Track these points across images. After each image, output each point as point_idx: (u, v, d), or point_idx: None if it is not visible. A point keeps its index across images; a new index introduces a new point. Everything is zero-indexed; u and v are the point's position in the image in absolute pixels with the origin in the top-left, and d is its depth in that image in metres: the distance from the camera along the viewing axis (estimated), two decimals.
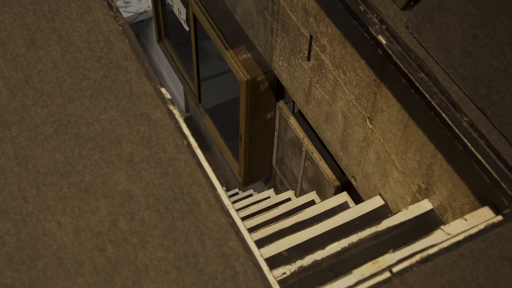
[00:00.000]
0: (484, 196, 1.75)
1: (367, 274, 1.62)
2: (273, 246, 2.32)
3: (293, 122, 3.40)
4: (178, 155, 1.55)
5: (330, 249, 1.98)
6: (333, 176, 3.17)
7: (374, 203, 2.45)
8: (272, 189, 4.39)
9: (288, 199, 3.70)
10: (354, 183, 2.68)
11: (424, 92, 1.73)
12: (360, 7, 1.91)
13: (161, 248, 1.40)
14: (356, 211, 2.45)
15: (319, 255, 1.96)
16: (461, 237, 1.49)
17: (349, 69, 2.26)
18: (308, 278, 1.93)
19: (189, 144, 1.60)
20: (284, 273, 1.93)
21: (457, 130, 1.66)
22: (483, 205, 1.79)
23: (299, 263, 1.95)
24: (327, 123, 2.69)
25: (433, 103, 1.71)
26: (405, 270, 1.44)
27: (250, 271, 1.38)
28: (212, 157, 6.79)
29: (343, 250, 1.98)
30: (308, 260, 1.96)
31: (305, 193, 3.67)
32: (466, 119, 1.66)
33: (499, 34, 1.56)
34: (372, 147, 2.35)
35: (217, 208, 1.47)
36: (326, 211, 2.74)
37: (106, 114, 1.61)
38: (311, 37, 2.46)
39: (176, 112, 1.66)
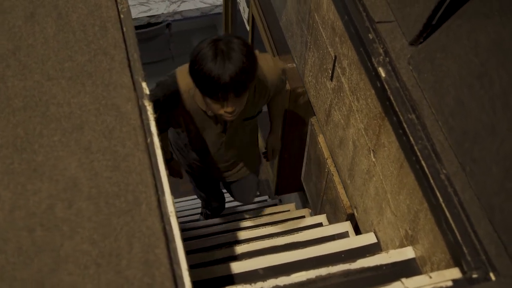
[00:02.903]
0: (455, 256, 1.63)
1: None
2: (251, 261, 2.26)
3: (321, 140, 3.30)
4: (134, 152, 1.52)
5: (294, 277, 1.90)
6: (348, 203, 3.06)
7: (366, 239, 2.34)
8: (294, 203, 4.31)
9: (302, 217, 3.61)
10: (356, 214, 2.58)
11: (409, 134, 1.63)
12: (370, 35, 1.82)
13: (88, 241, 1.38)
14: (346, 243, 2.36)
15: (281, 281, 1.89)
16: None
17: (362, 96, 2.17)
18: None
19: (151, 143, 1.57)
20: None
21: (432, 181, 1.55)
22: (456, 265, 1.67)
23: (259, 284, 1.89)
24: (340, 148, 2.60)
25: (416, 148, 1.61)
26: None
27: (168, 283, 1.34)
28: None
29: (308, 282, 1.90)
30: (269, 283, 1.89)
31: (325, 213, 3.58)
32: (444, 171, 1.55)
33: (494, 88, 1.44)
34: (373, 181, 2.25)
35: (156, 213, 1.43)
36: (323, 237, 2.65)
37: (79, 98, 1.61)
38: (335, 57, 2.39)
39: (149, 109, 1.63)
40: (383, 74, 1.73)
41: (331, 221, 3.44)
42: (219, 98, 2.04)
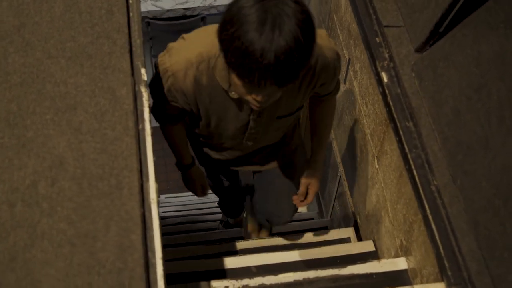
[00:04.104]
0: (442, 270, 1.59)
1: None
2: (246, 258, 2.25)
3: (335, 144, 3.27)
4: (123, 136, 1.52)
5: (282, 277, 1.88)
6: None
7: (364, 246, 2.31)
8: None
9: (310, 219, 3.58)
10: (358, 221, 2.54)
11: (404, 142, 1.60)
12: (377, 38, 1.79)
13: (66, 220, 1.39)
14: (344, 249, 2.32)
15: (268, 280, 1.88)
16: None
17: (370, 102, 2.13)
18: None
19: (142, 129, 1.57)
20: (227, 286, 1.87)
21: (422, 192, 1.51)
22: (442, 280, 1.63)
23: (245, 281, 1.88)
24: (348, 153, 2.57)
25: (409, 156, 1.57)
26: None
27: (139, 270, 1.33)
28: None
29: (295, 283, 1.88)
30: (255, 281, 1.88)
31: (335, 216, 3.54)
32: (435, 182, 1.51)
33: (491, 101, 1.40)
34: (375, 188, 2.22)
35: (137, 199, 1.43)
36: (324, 241, 2.62)
37: (76, 78, 1.61)
38: (349, 60, 2.36)
39: (145, 95, 1.63)
40: (385, 79, 1.70)
41: (340, 226, 3.40)
42: (253, 82, 1.36)
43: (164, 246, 2.81)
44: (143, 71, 1.67)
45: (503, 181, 1.33)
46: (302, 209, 4.03)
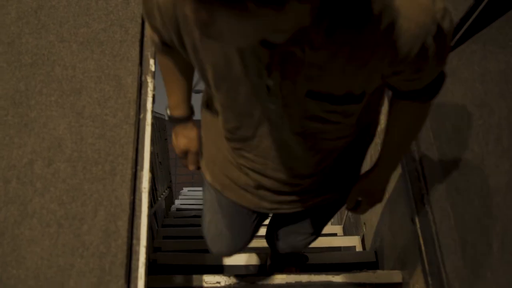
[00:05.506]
0: (427, 286, 1.57)
1: None
2: (244, 256, 2.26)
3: None
4: (123, 124, 1.55)
5: (274, 278, 1.89)
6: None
7: (365, 256, 2.29)
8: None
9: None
10: (364, 230, 2.52)
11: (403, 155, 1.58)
12: None
13: (57, 201, 1.41)
14: (343, 256, 2.31)
15: (260, 279, 1.88)
16: None
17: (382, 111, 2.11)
18: None
19: (144, 119, 1.59)
20: (218, 282, 1.88)
21: (414, 205, 1.50)
22: None
23: (239, 278, 1.89)
24: None
25: (406, 169, 1.56)
26: None
27: (120, 256, 1.35)
28: None
29: (287, 285, 1.88)
30: (248, 280, 1.88)
31: (348, 224, 3.52)
32: (428, 197, 1.49)
33: (492, 119, 1.37)
34: None
35: (128, 186, 1.45)
36: (328, 247, 2.61)
37: (84, 64, 1.64)
38: None
39: (150, 86, 1.65)
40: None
41: (352, 234, 3.38)
42: None
43: (174, 238, 2.84)
44: (151, 61, 1.69)
45: (494, 202, 1.31)
46: None
